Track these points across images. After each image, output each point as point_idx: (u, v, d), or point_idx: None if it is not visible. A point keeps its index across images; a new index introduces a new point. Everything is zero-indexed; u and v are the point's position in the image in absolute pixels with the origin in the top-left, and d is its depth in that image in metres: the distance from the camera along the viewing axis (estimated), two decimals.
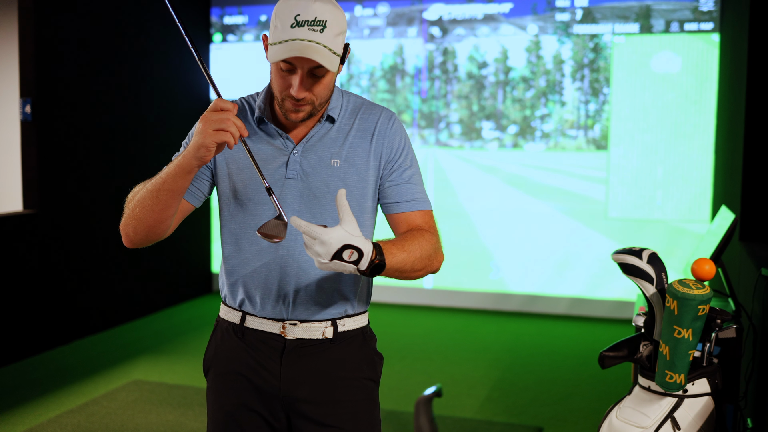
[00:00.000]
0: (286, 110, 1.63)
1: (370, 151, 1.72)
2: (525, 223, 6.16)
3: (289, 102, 1.62)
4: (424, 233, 1.69)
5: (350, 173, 1.70)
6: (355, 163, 1.70)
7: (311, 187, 1.68)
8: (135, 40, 5.77)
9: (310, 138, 1.70)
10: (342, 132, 1.72)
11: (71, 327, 5.16)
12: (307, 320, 1.71)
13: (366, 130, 1.73)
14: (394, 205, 1.74)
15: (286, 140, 1.70)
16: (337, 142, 1.71)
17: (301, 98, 1.59)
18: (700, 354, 2.16)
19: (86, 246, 5.30)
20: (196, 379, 4.41)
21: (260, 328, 1.73)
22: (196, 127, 1.54)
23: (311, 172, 1.68)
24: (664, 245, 5.76)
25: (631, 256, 2.19)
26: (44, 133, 4.89)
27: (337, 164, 1.69)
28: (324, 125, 1.71)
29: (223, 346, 1.77)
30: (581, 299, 6.02)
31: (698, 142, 5.72)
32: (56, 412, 3.87)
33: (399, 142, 1.74)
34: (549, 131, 6.12)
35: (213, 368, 1.79)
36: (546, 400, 4.13)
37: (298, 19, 1.53)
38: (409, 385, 4.32)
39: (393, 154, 1.73)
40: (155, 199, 1.59)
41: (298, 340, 1.71)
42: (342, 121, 1.73)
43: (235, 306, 1.75)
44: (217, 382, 1.77)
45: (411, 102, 6.42)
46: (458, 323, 5.82)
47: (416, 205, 1.74)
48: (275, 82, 1.63)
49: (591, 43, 5.94)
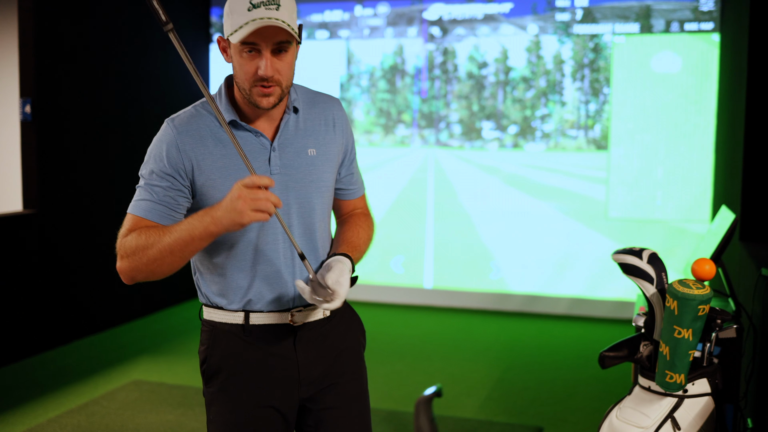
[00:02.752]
0: (255, 98, 1.66)
1: (336, 139, 1.84)
2: (525, 223, 6.16)
3: (257, 88, 1.65)
4: (366, 219, 1.95)
5: (326, 160, 1.81)
6: (328, 151, 1.82)
7: (295, 179, 1.76)
8: (135, 40, 5.77)
9: (282, 131, 1.76)
10: (308, 122, 1.80)
11: (71, 327, 5.16)
12: (309, 304, 1.78)
13: (327, 119, 1.83)
14: (345, 192, 1.93)
15: (262, 138, 1.74)
16: (308, 133, 1.79)
17: (270, 76, 1.63)
18: (700, 354, 2.16)
19: (86, 246, 5.30)
20: (196, 379, 4.41)
21: (267, 322, 1.77)
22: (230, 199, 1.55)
23: (292, 164, 1.76)
24: (665, 245, 5.76)
25: (632, 256, 2.19)
26: (44, 133, 4.89)
27: (314, 153, 1.79)
28: (291, 116, 1.78)
29: (230, 348, 1.78)
30: (581, 299, 6.02)
31: (698, 142, 5.72)
32: (56, 412, 3.87)
33: (351, 132, 1.91)
34: (549, 131, 6.11)
35: (222, 371, 1.79)
36: (546, 400, 4.13)
37: (253, 2, 1.58)
38: (409, 385, 4.32)
39: (349, 145, 1.90)
40: (175, 258, 1.62)
41: (305, 325, 1.79)
42: (303, 111, 1.80)
43: (239, 308, 1.76)
44: (227, 384, 1.78)
45: (411, 102, 6.42)
46: (458, 323, 5.82)
47: (359, 191, 1.97)
48: (241, 71, 1.65)
49: (591, 43, 5.94)
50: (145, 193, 1.68)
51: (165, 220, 1.67)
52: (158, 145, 1.71)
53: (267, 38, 1.61)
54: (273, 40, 1.62)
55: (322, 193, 1.80)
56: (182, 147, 1.69)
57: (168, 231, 1.61)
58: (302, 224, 1.78)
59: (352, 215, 1.95)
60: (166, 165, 1.68)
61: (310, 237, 1.80)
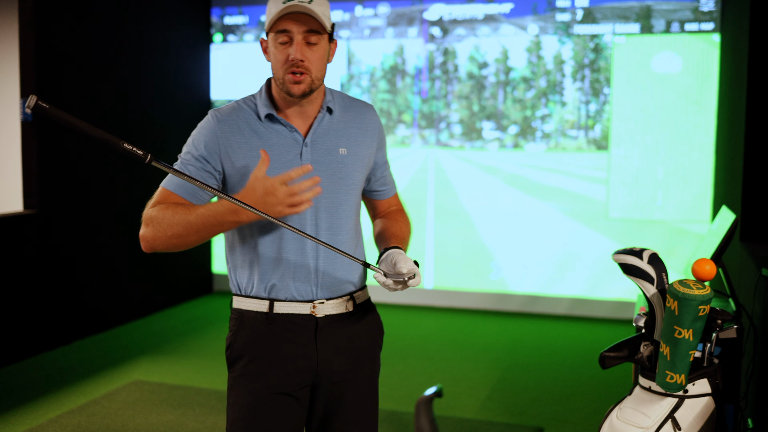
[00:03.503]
0: (288, 85, 1.78)
1: (368, 142, 1.94)
2: (525, 223, 6.16)
3: (289, 75, 1.77)
4: (404, 215, 2.09)
5: (356, 161, 1.90)
6: (359, 152, 1.91)
7: (325, 175, 1.84)
8: (135, 40, 5.77)
9: (315, 129, 1.86)
10: (342, 123, 1.90)
11: (72, 327, 5.16)
12: (331, 297, 1.88)
13: (361, 123, 1.94)
14: (380, 193, 2.06)
15: (296, 133, 1.84)
16: (340, 133, 1.89)
17: (299, 60, 1.75)
18: (700, 354, 2.16)
19: (86, 246, 5.30)
20: (197, 380, 4.41)
21: (290, 311, 1.85)
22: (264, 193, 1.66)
23: (322, 160, 1.85)
24: (665, 245, 5.76)
25: (632, 257, 2.19)
26: (44, 134, 4.89)
27: (345, 152, 1.88)
28: (325, 116, 1.88)
29: (253, 334, 1.86)
30: (582, 299, 6.02)
31: (699, 142, 5.72)
32: (57, 413, 3.87)
33: (383, 137, 2.02)
34: (549, 131, 6.11)
35: (245, 356, 1.87)
36: (546, 401, 4.13)
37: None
38: (410, 385, 4.32)
39: (382, 149, 2.01)
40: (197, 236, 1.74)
41: (327, 317, 1.87)
42: (338, 113, 1.91)
43: (264, 296, 1.85)
44: (249, 369, 1.86)
45: (411, 102, 6.42)
46: (459, 323, 5.82)
47: (392, 191, 2.11)
48: (275, 61, 1.79)
49: (591, 43, 5.94)
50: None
51: (192, 198, 1.80)
52: (199, 131, 1.85)
53: (297, 25, 1.75)
54: (303, 28, 1.75)
55: (350, 190, 1.90)
56: (220, 135, 1.82)
57: (194, 210, 1.72)
58: (329, 219, 1.87)
59: (390, 212, 2.08)
60: (203, 149, 1.82)
61: (336, 232, 1.88)
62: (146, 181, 5.85)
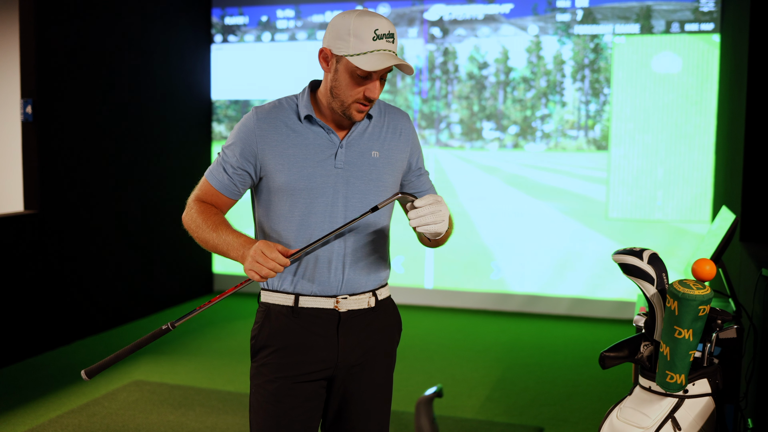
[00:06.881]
0: (352, 112, 1.88)
1: (401, 147, 2.02)
2: (525, 223, 6.17)
3: (358, 105, 1.87)
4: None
5: (388, 164, 1.99)
6: (391, 156, 2.00)
7: (356, 175, 1.94)
8: (135, 40, 5.78)
9: (352, 133, 1.95)
10: (376, 128, 2.00)
11: (72, 327, 5.17)
12: (354, 293, 1.96)
13: (396, 128, 2.03)
14: (419, 193, 2.09)
15: (333, 135, 1.94)
16: (374, 137, 1.98)
17: (374, 99, 1.87)
18: (700, 354, 2.16)
19: (87, 246, 5.30)
20: (197, 380, 4.41)
21: (315, 305, 1.94)
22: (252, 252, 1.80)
23: (355, 162, 1.94)
24: (665, 246, 5.76)
25: (632, 257, 2.19)
26: (45, 134, 4.90)
27: (377, 156, 1.97)
28: (364, 122, 1.98)
29: (278, 326, 1.96)
30: (582, 299, 6.02)
31: (699, 142, 5.72)
32: (57, 413, 3.87)
33: (417, 142, 2.09)
34: (549, 132, 6.12)
35: (269, 346, 1.96)
36: (546, 401, 4.14)
37: (377, 33, 1.81)
38: (410, 385, 4.33)
39: (415, 153, 2.07)
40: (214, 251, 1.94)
41: (350, 312, 1.96)
42: (375, 119, 2.00)
43: (290, 290, 1.95)
44: (271, 358, 1.95)
45: (411, 102, 6.42)
46: (459, 323, 5.82)
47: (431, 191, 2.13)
48: (348, 89, 1.86)
49: (591, 43, 5.94)
50: (218, 167, 1.97)
51: (229, 193, 1.96)
52: (240, 127, 1.96)
53: (383, 69, 1.85)
54: (386, 70, 1.86)
55: (380, 192, 1.97)
56: (258, 131, 1.92)
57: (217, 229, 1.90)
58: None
59: None
60: (238, 155, 1.93)
61: (364, 231, 1.96)
62: (146, 182, 5.85)
